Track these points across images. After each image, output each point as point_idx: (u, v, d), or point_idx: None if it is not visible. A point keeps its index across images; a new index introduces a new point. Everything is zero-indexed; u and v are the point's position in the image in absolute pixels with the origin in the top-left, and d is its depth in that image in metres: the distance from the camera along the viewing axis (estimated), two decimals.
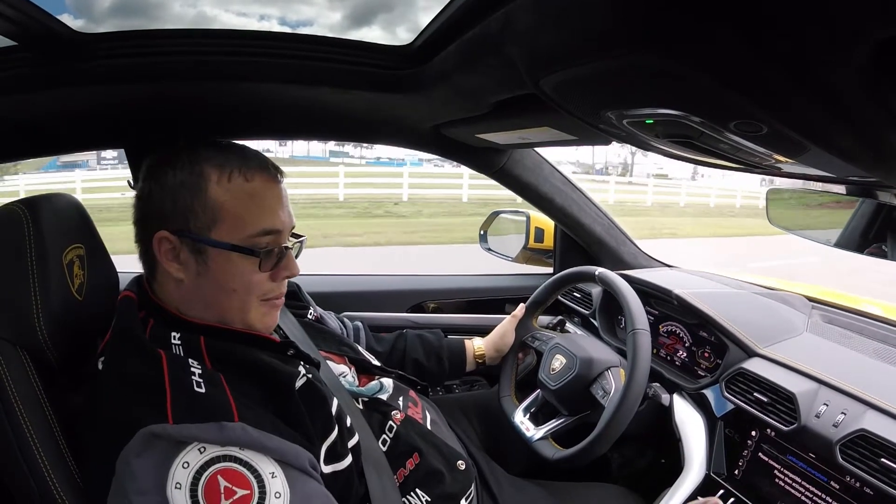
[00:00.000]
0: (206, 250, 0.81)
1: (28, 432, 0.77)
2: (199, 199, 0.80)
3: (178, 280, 0.83)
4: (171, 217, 0.81)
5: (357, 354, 1.14)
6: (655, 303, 1.44)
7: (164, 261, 0.82)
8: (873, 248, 0.89)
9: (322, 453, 0.82)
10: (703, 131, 0.59)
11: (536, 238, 1.86)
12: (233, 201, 0.81)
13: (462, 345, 1.43)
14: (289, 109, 1.21)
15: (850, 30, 0.32)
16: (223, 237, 0.81)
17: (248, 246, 0.82)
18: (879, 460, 0.85)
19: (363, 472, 0.90)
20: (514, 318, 1.47)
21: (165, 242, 0.81)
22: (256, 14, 3.43)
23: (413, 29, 0.90)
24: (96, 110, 1.12)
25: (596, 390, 1.20)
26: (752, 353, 1.15)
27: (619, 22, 0.47)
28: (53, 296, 0.83)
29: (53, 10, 0.77)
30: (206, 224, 0.81)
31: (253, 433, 0.70)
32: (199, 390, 0.72)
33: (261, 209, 0.83)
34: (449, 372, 1.41)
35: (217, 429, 0.69)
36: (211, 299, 0.84)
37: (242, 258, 0.82)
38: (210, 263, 0.82)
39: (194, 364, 0.76)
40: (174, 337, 0.80)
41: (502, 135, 1.20)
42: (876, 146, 0.50)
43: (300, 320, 1.12)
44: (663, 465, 1.37)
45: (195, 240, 0.81)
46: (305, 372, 0.88)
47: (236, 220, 0.82)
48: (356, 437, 0.92)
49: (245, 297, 0.85)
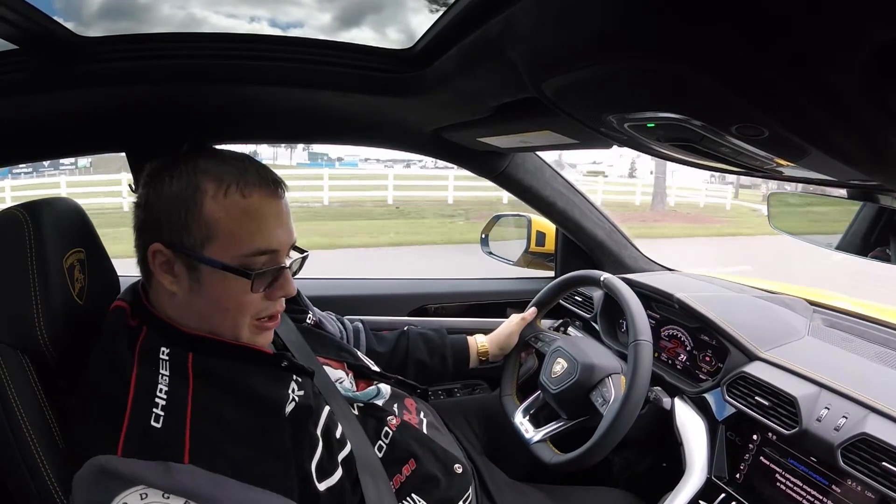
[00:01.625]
0: (200, 267, 0.79)
1: (28, 434, 0.77)
2: (194, 215, 0.78)
3: (171, 293, 0.82)
4: (166, 229, 0.79)
5: (356, 360, 1.14)
6: (657, 306, 1.44)
7: (159, 272, 0.81)
8: (877, 252, 0.89)
9: (313, 471, 0.81)
10: (704, 135, 0.59)
11: (538, 242, 1.86)
12: (227, 219, 0.79)
13: (465, 342, 1.42)
14: (290, 113, 1.21)
15: (851, 31, 0.32)
16: (216, 255, 0.79)
17: (240, 266, 0.79)
18: (881, 464, 0.84)
19: (358, 480, 0.89)
20: (524, 320, 1.46)
21: (160, 254, 0.80)
22: (246, 16, 3.40)
23: (404, 31, 0.90)
24: (97, 113, 1.13)
25: (595, 398, 1.20)
26: (753, 356, 1.15)
27: (620, 25, 0.47)
28: (54, 300, 0.83)
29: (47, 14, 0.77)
30: (200, 241, 0.79)
31: (202, 479, 0.68)
32: (155, 425, 0.70)
33: (257, 228, 0.80)
34: (452, 370, 1.40)
35: (163, 469, 0.67)
36: (204, 314, 0.83)
37: (235, 278, 0.80)
38: (203, 280, 0.80)
39: (161, 391, 0.74)
40: (163, 352, 0.78)
41: (503, 138, 1.20)
42: (877, 149, 0.50)
43: (298, 325, 1.11)
44: (664, 468, 1.37)
45: (189, 255, 0.79)
46: (298, 388, 0.87)
47: (230, 238, 0.79)
48: (347, 447, 0.90)
49: (237, 317, 0.83)
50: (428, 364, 1.37)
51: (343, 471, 0.87)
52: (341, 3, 1.11)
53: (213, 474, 0.69)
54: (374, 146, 1.49)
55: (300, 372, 0.91)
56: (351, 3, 1.10)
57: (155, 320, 0.83)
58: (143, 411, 0.71)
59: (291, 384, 0.87)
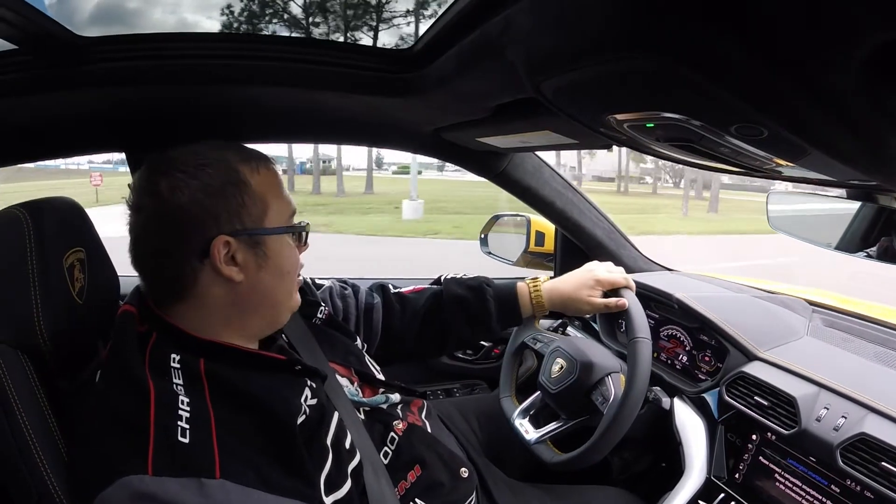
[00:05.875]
0: (263, 241, 0.83)
1: (28, 435, 0.77)
2: (249, 193, 0.82)
3: (233, 285, 0.82)
4: (223, 219, 0.80)
5: (363, 367, 1.09)
6: (656, 306, 1.44)
7: (223, 267, 0.80)
8: (883, 242, 0.88)
9: (321, 484, 0.80)
10: (703, 135, 0.59)
11: (537, 242, 1.86)
12: (269, 190, 0.85)
13: (514, 297, 1.29)
14: (289, 112, 1.21)
15: (850, 31, 0.32)
16: (274, 223, 0.85)
17: (292, 225, 0.88)
18: (880, 464, 0.85)
19: (365, 491, 0.88)
20: (600, 283, 1.27)
21: (223, 247, 0.80)
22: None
23: (403, 31, 0.90)
24: (96, 113, 1.13)
25: (595, 397, 1.20)
26: (752, 356, 1.15)
27: (620, 25, 0.47)
28: (54, 299, 0.83)
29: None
30: (258, 216, 0.83)
31: (234, 494, 0.67)
32: (183, 440, 0.68)
33: (283, 193, 0.88)
34: (500, 332, 1.31)
35: (197, 487, 0.65)
36: (267, 292, 0.85)
37: (289, 239, 0.87)
38: (269, 252, 0.84)
39: (183, 403, 0.72)
40: (173, 359, 0.77)
41: (502, 138, 1.20)
42: (876, 149, 0.50)
43: (308, 322, 1.07)
44: (664, 468, 1.37)
45: (253, 234, 0.82)
46: (311, 396, 0.86)
47: (277, 205, 0.86)
48: (357, 457, 0.89)
49: (293, 279, 0.90)
50: (468, 337, 1.30)
51: (352, 482, 0.85)
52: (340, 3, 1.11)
53: (244, 488, 0.68)
54: (373, 146, 1.49)
55: (313, 375, 0.90)
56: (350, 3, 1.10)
57: (165, 325, 0.81)
58: (168, 425, 0.69)
59: (305, 391, 0.86)
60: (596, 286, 1.27)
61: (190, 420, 0.71)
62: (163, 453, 0.67)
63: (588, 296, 1.26)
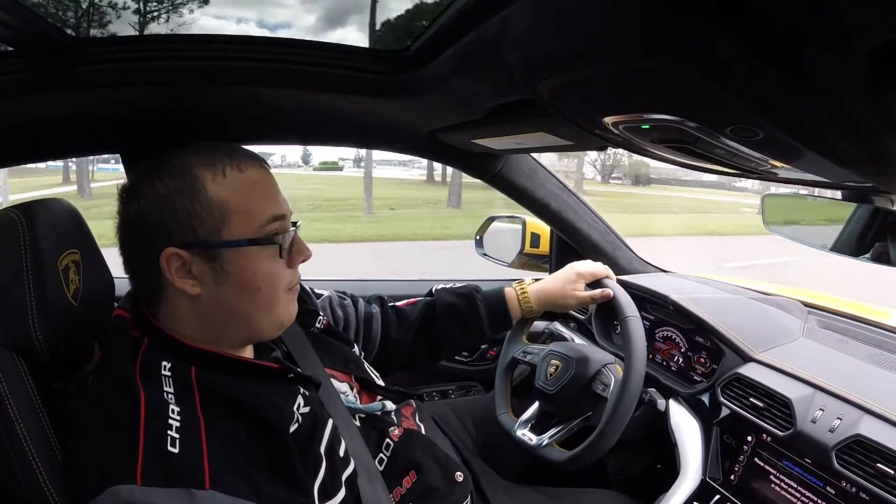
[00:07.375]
0: (221, 254, 0.78)
1: (23, 437, 0.77)
2: (200, 202, 0.77)
3: (193, 297, 0.79)
4: (174, 230, 0.77)
5: (362, 373, 1.08)
6: (651, 308, 1.44)
7: (176, 280, 0.78)
8: (877, 248, 0.89)
9: (315, 493, 0.78)
10: (699, 136, 0.60)
11: (532, 243, 1.86)
12: (234, 195, 0.79)
13: (503, 302, 1.31)
14: (285, 114, 1.21)
15: (848, 33, 0.32)
16: (235, 234, 0.78)
17: (262, 236, 0.80)
18: (875, 465, 0.85)
19: (360, 499, 0.86)
20: (581, 277, 1.31)
21: (174, 259, 0.77)
22: (234, 17, 3.39)
23: (399, 32, 0.90)
24: (91, 114, 1.12)
25: (595, 386, 1.19)
26: (748, 358, 1.15)
27: (616, 26, 0.47)
28: (49, 301, 0.82)
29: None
30: (215, 226, 0.78)
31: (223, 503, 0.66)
32: (173, 450, 0.67)
33: (263, 196, 0.82)
34: (492, 337, 1.32)
35: (186, 497, 0.64)
36: (232, 308, 0.81)
37: (260, 251, 0.80)
38: (228, 267, 0.79)
39: (174, 412, 0.71)
40: (164, 367, 0.76)
41: (498, 140, 1.20)
42: (872, 151, 0.50)
43: (306, 331, 1.06)
44: (659, 470, 1.37)
45: (207, 247, 0.77)
46: (304, 404, 0.85)
47: (243, 213, 0.79)
48: (351, 465, 0.88)
49: (271, 293, 0.82)
50: (463, 343, 1.32)
51: (346, 490, 0.84)
52: (325, 4, 1.11)
53: (234, 499, 0.67)
54: (369, 147, 1.49)
55: (306, 383, 0.89)
56: (347, 3, 1.10)
57: (156, 331, 0.80)
58: (159, 435, 0.68)
59: (298, 398, 0.85)
60: (579, 279, 1.31)
61: (180, 430, 0.70)
62: (152, 463, 0.66)
63: (573, 290, 1.30)
